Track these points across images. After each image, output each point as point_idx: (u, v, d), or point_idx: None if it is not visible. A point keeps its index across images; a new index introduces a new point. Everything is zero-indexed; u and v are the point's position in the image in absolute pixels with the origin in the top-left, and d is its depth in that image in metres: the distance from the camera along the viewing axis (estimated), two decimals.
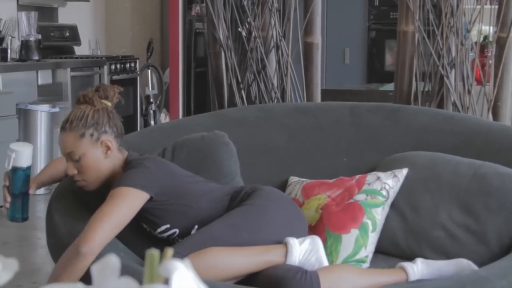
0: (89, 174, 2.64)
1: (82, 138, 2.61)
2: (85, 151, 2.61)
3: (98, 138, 2.63)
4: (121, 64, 7.90)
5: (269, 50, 4.08)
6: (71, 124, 2.61)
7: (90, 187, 2.68)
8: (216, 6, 4.09)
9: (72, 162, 2.63)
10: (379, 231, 2.89)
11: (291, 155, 3.27)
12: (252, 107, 3.71)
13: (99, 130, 2.63)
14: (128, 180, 2.56)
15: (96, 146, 2.63)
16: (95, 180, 2.66)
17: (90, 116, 2.62)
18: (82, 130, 2.61)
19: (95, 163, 2.63)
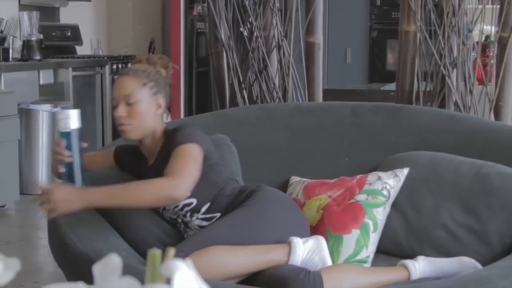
0: (137, 121, 2.71)
1: (143, 86, 2.73)
2: (141, 98, 2.71)
3: (155, 93, 2.75)
4: (123, 64, 7.90)
5: (270, 50, 4.09)
6: (136, 72, 2.74)
7: (131, 134, 2.73)
8: (217, 6, 4.09)
9: (125, 105, 2.71)
10: (380, 231, 2.89)
11: (292, 155, 3.27)
12: (253, 107, 3.71)
13: (158, 88, 2.76)
14: (188, 137, 2.67)
15: (151, 100, 2.74)
16: (138, 129, 2.73)
17: (153, 73, 2.77)
18: (145, 80, 2.73)
19: (145, 113, 2.72)
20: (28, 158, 6.44)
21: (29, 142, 6.44)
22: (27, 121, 6.39)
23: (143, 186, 2.54)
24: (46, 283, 4.12)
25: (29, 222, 5.72)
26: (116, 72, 7.71)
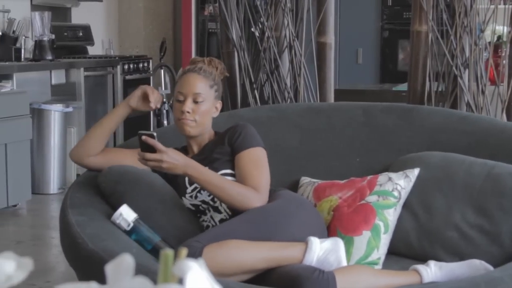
0: (200, 118, 2.88)
1: (210, 88, 2.91)
2: (208, 99, 2.90)
3: (217, 97, 2.95)
4: (134, 64, 7.91)
5: (282, 50, 4.08)
6: (204, 72, 2.92)
7: (192, 130, 2.89)
8: (229, 6, 4.09)
9: (192, 102, 2.86)
10: (391, 232, 2.88)
11: (303, 155, 3.27)
12: (265, 107, 3.71)
13: (219, 92, 2.97)
14: (254, 140, 2.87)
15: (213, 102, 2.93)
16: (199, 126, 2.89)
17: (217, 77, 2.97)
18: (212, 83, 2.92)
19: (208, 113, 2.92)
20: (40, 158, 6.46)
21: (41, 142, 6.46)
22: (39, 121, 6.41)
23: (237, 189, 2.71)
24: (58, 282, 4.13)
25: (40, 221, 5.74)
26: (128, 72, 7.72)
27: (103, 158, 2.95)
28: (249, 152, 2.83)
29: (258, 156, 2.84)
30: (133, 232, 2.67)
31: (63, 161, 6.54)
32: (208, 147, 2.92)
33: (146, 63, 8.17)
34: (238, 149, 2.84)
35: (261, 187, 2.74)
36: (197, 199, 2.86)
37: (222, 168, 2.82)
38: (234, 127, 2.90)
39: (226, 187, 2.70)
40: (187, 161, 2.67)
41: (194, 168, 2.68)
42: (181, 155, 2.67)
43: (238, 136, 2.86)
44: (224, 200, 2.73)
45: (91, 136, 2.98)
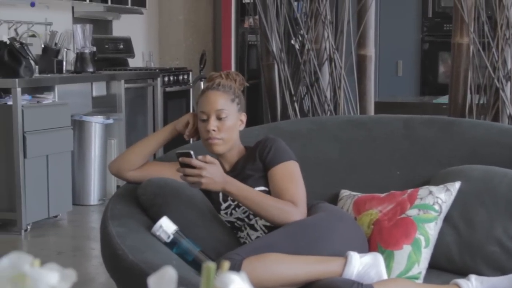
0: (227, 135, 2.86)
1: (232, 102, 2.89)
2: (231, 114, 2.88)
3: (240, 110, 2.93)
4: (174, 76, 7.95)
5: (322, 63, 4.08)
6: (223, 87, 2.89)
7: (220, 148, 2.87)
8: (269, 19, 4.10)
9: (216, 119, 2.85)
10: (432, 246, 2.86)
11: (343, 168, 3.26)
12: (305, 119, 3.71)
13: (241, 104, 2.94)
14: (286, 154, 2.85)
15: (237, 115, 2.91)
16: (227, 142, 2.88)
17: (237, 89, 2.95)
18: (233, 96, 2.90)
19: (233, 128, 2.90)
20: (81, 169, 6.51)
21: (82, 153, 6.51)
22: (80, 132, 6.46)
23: (275, 204, 2.70)
24: None
25: (81, 232, 5.78)
26: (168, 85, 7.76)
27: (142, 172, 2.96)
28: (282, 167, 2.82)
29: (291, 170, 2.82)
30: (173, 244, 2.68)
31: (103, 172, 6.58)
32: (240, 164, 2.91)
33: (186, 75, 8.21)
34: (271, 165, 2.83)
35: (298, 200, 2.73)
36: (232, 216, 2.86)
37: (256, 185, 2.81)
38: (264, 142, 2.89)
39: (264, 203, 2.69)
40: (226, 178, 2.67)
41: (233, 185, 2.68)
42: (220, 171, 2.66)
43: (269, 151, 2.84)
44: (263, 216, 2.72)
45: (133, 153, 2.99)
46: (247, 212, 2.81)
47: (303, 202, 2.75)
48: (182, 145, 3.24)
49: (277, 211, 2.68)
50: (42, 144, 5.64)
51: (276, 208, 2.68)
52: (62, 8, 7.29)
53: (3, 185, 5.52)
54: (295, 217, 2.68)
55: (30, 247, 5.19)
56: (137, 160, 2.96)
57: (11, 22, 6.59)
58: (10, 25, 6.59)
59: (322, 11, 4.01)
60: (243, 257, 2.48)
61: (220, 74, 2.99)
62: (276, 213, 2.68)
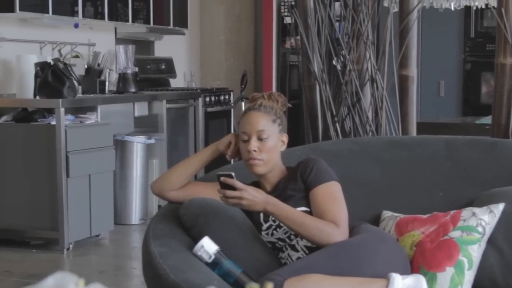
0: (268, 156, 2.87)
1: (273, 123, 2.90)
2: (272, 135, 2.88)
3: (281, 131, 2.93)
4: (216, 96, 7.98)
5: (364, 83, 4.07)
6: (265, 108, 2.90)
7: (260, 169, 2.88)
8: (310, 39, 4.11)
9: (257, 140, 2.86)
10: (475, 269, 2.83)
11: (385, 189, 3.24)
12: (346, 140, 3.70)
13: (283, 125, 2.94)
14: (327, 175, 2.84)
15: (278, 136, 2.91)
16: (268, 163, 2.88)
17: (278, 110, 2.94)
18: (274, 117, 2.90)
19: (274, 148, 2.90)
20: (123, 189, 6.55)
21: (124, 173, 6.55)
22: (122, 152, 6.50)
23: (317, 225, 2.68)
24: None
25: (123, 251, 5.81)
26: (209, 105, 7.80)
27: (183, 192, 2.97)
28: (324, 187, 2.81)
29: (333, 191, 2.81)
30: (214, 265, 2.68)
31: (145, 192, 6.62)
32: (281, 184, 2.90)
33: (227, 96, 8.24)
34: (312, 185, 2.82)
35: (340, 221, 2.71)
36: (273, 236, 2.86)
37: (298, 205, 2.81)
38: (305, 162, 2.88)
39: (306, 223, 2.68)
40: (267, 198, 2.67)
41: (274, 205, 2.68)
42: (260, 192, 2.67)
43: (310, 171, 2.84)
44: (304, 236, 2.71)
45: (175, 173, 3.00)
46: (288, 233, 2.81)
47: (345, 223, 2.73)
48: (224, 165, 3.24)
49: (319, 232, 2.66)
50: (85, 163, 5.69)
51: (318, 229, 2.67)
52: (105, 29, 7.37)
53: (46, 204, 5.57)
54: (337, 238, 2.66)
55: (72, 266, 5.22)
56: (179, 180, 2.97)
57: (55, 43, 6.67)
58: (54, 46, 6.68)
59: (364, 32, 4.01)
60: (285, 278, 2.47)
61: (263, 95, 2.99)
62: (318, 234, 2.66)
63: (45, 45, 6.57)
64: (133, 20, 7.35)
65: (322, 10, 4.17)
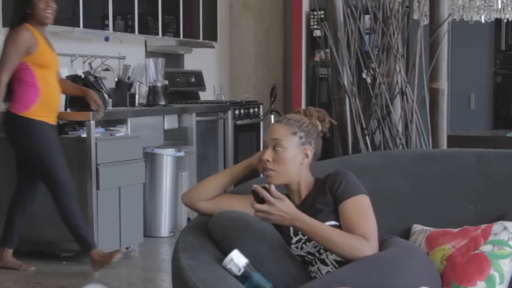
0: (281, 167, 2.85)
1: (293, 135, 2.86)
2: (289, 146, 2.85)
3: (303, 144, 2.88)
4: (245, 109, 7.99)
5: (394, 96, 4.06)
6: (289, 120, 2.90)
7: (273, 180, 2.85)
8: (340, 52, 4.10)
9: (272, 150, 2.86)
10: (507, 283, 2.81)
11: (415, 203, 3.23)
12: (376, 153, 3.69)
13: (307, 138, 2.89)
14: (356, 188, 2.82)
15: (299, 149, 2.87)
16: (282, 175, 2.86)
17: (306, 124, 2.91)
18: (296, 130, 2.87)
19: (290, 161, 2.86)
20: (152, 201, 6.57)
21: (153, 185, 6.57)
22: (151, 164, 6.52)
23: (347, 240, 2.66)
24: None
25: (152, 264, 5.82)
26: (239, 118, 7.81)
27: (214, 204, 2.97)
28: (352, 201, 2.79)
29: (362, 204, 2.79)
30: (244, 278, 2.68)
31: (174, 205, 6.63)
32: (310, 198, 2.89)
33: (257, 109, 8.25)
34: (341, 199, 2.80)
35: (370, 235, 2.70)
36: (303, 250, 2.85)
37: (327, 219, 2.79)
38: (334, 175, 2.86)
39: (335, 239, 2.67)
40: (296, 214, 2.65)
41: (303, 221, 2.66)
42: (291, 207, 2.65)
43: (339, 185, 2.82)
44: (334, 251, 2.70)
45: (207, 184, 3.01)
46: (317, 247, 2.80)
47: (374, 237, 2.72)
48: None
49: (348, 247, 2.65)
50: (115, 176, 5.71)
51: (347, 244, 2.66)
52: (135, 43, 7.41)
53: None
54: (367, 252, 2.65)
55: (101, 278, 5.23)
56: (211, 191, 2.98)
57: (85, 56, 6.72)
58: (85, 59, 6.73)
59: (394, 45, 4.00)
60: None
61: (300, 110, 3.01)
62: (348, 249, 2.65)
63: (76, 58, 6.62)
64: (163, 34, 7.39)
65: (352, 23, 4.17)
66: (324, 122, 2.98)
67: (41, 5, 5.03)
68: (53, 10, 5.09)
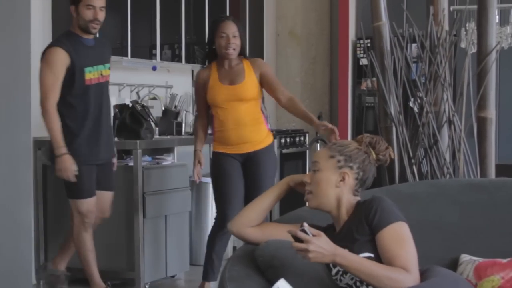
0: (317, 189, 2.87)
1: (330, 158, 2.88)
2: (324, 169, 2.87)
3: (341, 167, 2.88)
4: (291, 138, 8.00)
5: (441, 125, 4.04)
6: (333, 145, 2.94)
7: (311, 202, 2.89)
8: (387, 81, 4.10)
9: (312, 172, 2.90)
10: None
11: (463, 233, 3.20)
12: (424, 182, 3.67)
13: (347, 163, 2.88)
14: (395, 215, 2.77)
15: (335, 172, 2.87)
16: (317, 197, 2.87)
17: (350, 149, 2.91)
18: (335, 153, 2.89)
19: (326, 183, 2.86)
20: (198, 230, 6.58)
21: (199, 213, 6.58)
22: (197, 193, 6.54)
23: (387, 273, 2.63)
24: None
25: None
26: (285, 146, 7.81)
27: (261, 232, 2.98)
28: (390, 230, 2.74)
29: (400, 233, 2.74)
30: None
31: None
32: (347, 226, 2.85)
33: (303, 137, 8.25)
34: (378, 228, 2.75)
35: (410, 266, 2.66)
36: (342, 282, 2.83)
37: (362, 250, 2.76)
38: (369, 203, 2.82)
39: (375, 273, 2.63)
40: (335, 249, 2.63)
41: (342, 257, 2.64)
42: (329, 243, 2.63)
43: (374, 213, 2.76)
44: (374, 285, 2.67)
45: (251, 209, 3.03)
46: (354, 279, 2.77)
47: (415, 267, 2.68)
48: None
49: (389, 280, 2.62)
50: (161, 204, 5.74)
51: (388, 278, 2.63)
52: (182, 72, 7.47)
53: (123, 244, 5.62)
54: (408, 284, 2.61)
55: None
56: (255, 216, 3.01)
57: (133, 85, 6.79)
58: (132, 88, 6.80)
59: (441, 74, 3.99)
60: None
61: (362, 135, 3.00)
62: (388, 283, 2.62)
63: (123, 87, 6.69)
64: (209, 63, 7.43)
65: (399, 51, 4.16)
66: (375, 149, 2.95)
67: (222, 42, 5.16)
68: (235, 46, 5.19)
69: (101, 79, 5.07)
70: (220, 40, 5.14)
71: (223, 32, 5.11)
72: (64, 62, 4.88)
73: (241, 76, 5.21)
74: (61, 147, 4.83)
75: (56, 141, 4.83)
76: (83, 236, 5.08)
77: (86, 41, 5.00)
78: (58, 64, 4.86)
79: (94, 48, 5.04)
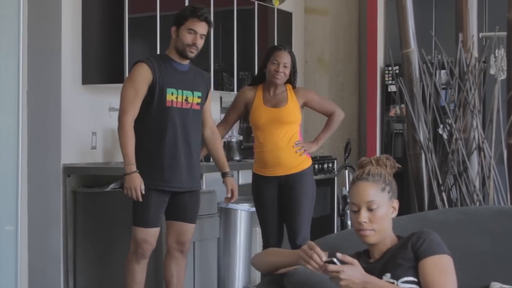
0: (379, 225, 2.83)
1: (382, 191, 2.85)
2: (382, 204, 2.84)
3: (391, 198, 2.88)
4: (319, 165, 7.97)
5: (471, 152, 4.02)
6: (373, 176, 2.86)
7: (372, 239, 2.84)
8: (416, 107, 4.09)
9: (366, 211, 2.82)
10: None
11: (493, 260, 3.18)
12: (453, 210, 3.65)
13: (392, 192, 2.89)
14: (441, 247, 2.79)
15: (389, 204, 2.87)
16: (379, 232, 2.84)
17: (387, 176, 2.89)
18: (383, 185, 2.86)
19: (385, 217, 2.85)
20: (226, 256, 6.56)
21: (227, 240, 6.57)
22: (226, 219, 6.53)
23: None
24: None
25: None
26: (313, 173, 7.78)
27: None
28: (434, 259, 2.75)
29: (444, 264, 2.76)
30: None
31: (248, 259, 6.61)
32: (391, 252, 2.85)
33: (331, 164, 8.22)
34: (423, 255, 2.76)
35: None
36: None
37: (405, 275, 2.76)
38: (419, 233, 2.83)
39: None
40: (367, 278, 2.63)
41: (374, 284, 2.64)
42: (359, 272, 2.63)
43: (423, 242, 2.78)
44: None
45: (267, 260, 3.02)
46: None
47: None
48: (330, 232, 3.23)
49: None
50: None
51: None
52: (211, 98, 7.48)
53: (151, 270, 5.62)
54: None
55: None
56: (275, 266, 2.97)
57: None
58: None
59: (471, 100, 3.98)
60: None
61: (371, 160, 2.96)
62: None
63: None
64: (238, 90, 7.45)
65: (428, 78, 4.16)
66: (393, 169, 2.96)
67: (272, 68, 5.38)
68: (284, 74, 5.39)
69: (185, 105, 4.95)
70: (271, 66, 5.38)
71: (276, 59, 5.35)
72: (146, 78, 4.78)
73: (284, 101, 5.44)
74: (131, 164, 4.72)
75: (127, 158, 4.72)
76: (133, 266, 4.95)
77: (178, 65, 4.91)
78: (140, 79, 4.78)
79: (185, 73, 4.95)
